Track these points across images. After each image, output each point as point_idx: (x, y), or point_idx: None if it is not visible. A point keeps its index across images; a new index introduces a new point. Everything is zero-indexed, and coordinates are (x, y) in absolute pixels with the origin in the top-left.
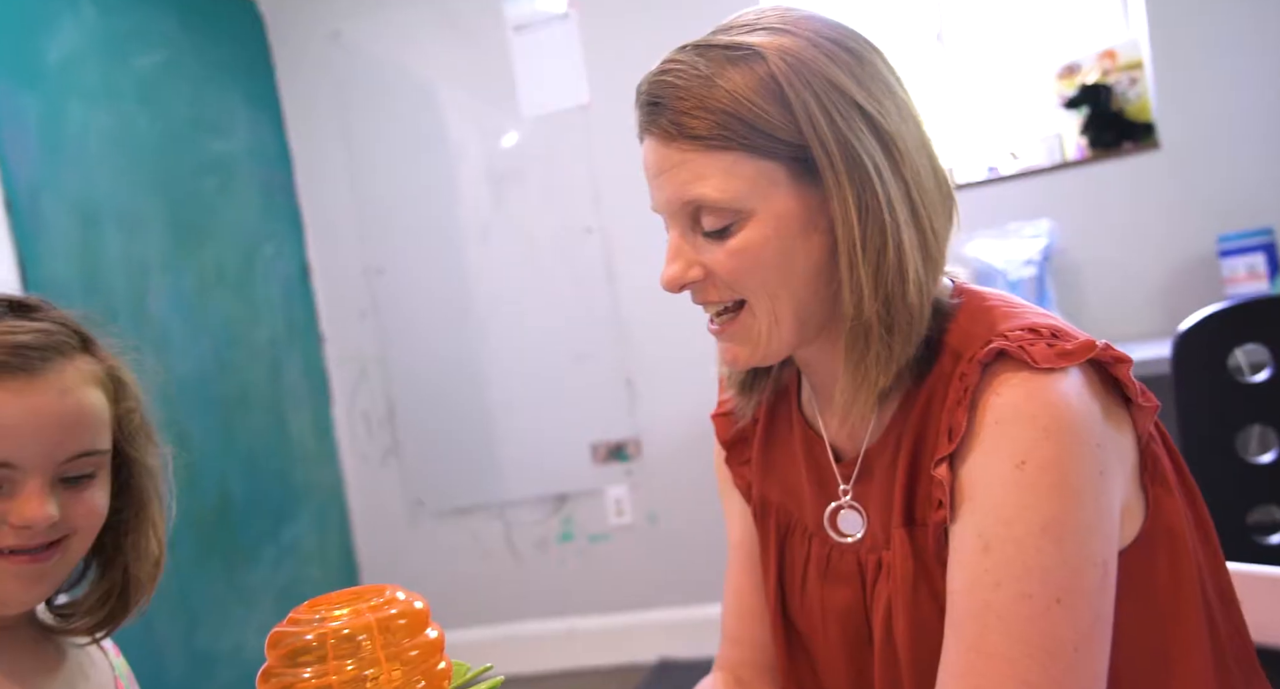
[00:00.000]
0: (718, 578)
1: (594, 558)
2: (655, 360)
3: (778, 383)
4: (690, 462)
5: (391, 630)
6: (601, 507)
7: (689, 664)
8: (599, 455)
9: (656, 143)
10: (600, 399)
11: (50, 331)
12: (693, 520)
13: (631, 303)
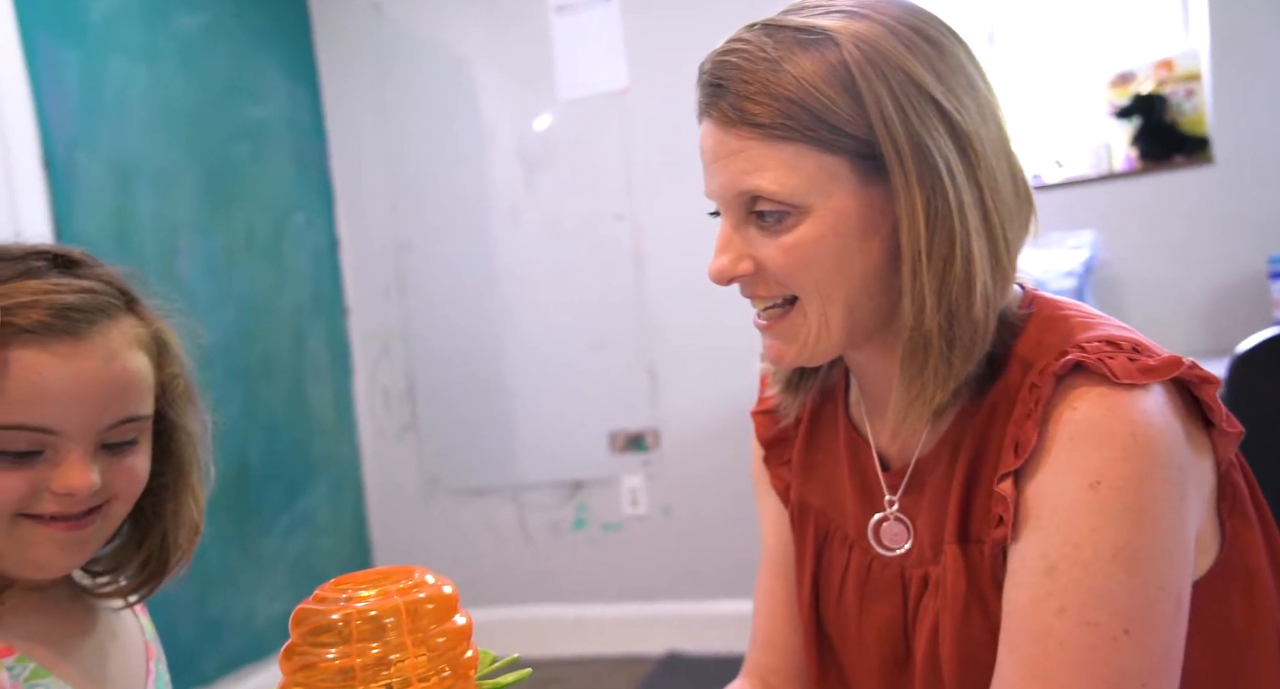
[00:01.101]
0: (730, 574)
1: (606, 547)
2: (679, 352)
3: (825, 383)
4: (709, 456)
5: (419, 615)
6: (616, 496)
7: (697, 659)
8: (617, 444)
9: (715, 127)
10: (621, 388)
11: (96, 291)
12: (708, 515)
13: (658, 292)
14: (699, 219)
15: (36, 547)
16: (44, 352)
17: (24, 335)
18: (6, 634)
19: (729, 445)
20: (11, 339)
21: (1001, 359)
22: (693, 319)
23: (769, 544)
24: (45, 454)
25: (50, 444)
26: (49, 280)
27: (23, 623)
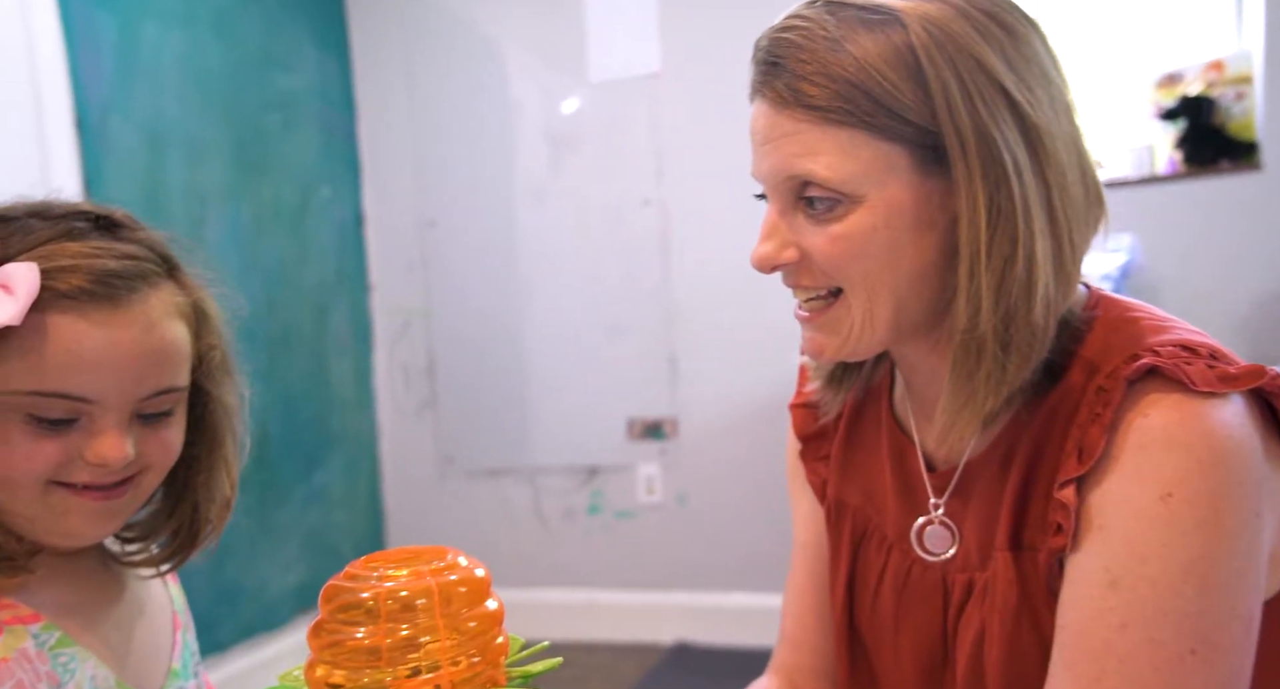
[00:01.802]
0: (743, 567)
1: (620, 534)
2: (702, 341)
3: (869, 379)
4: (727, 447)
5: (451, 597)
6: (632, 483)
7: (706, 650)
8: (634, 431)
9: (768, 107)
10: (641, 375)
11: (138, 257)
12: (723, 506)
13: (684, 280)
14: (729, 208)
15: (68, 515)
16: (82, 319)
17: (63, 301)
18: (34, 601)
19: (748, 437)
20: (50, 304)
21: (1062, 363)
22: (717, 308)
23: (801, 541)
24: (80, 422)
25: (86, 412)
26: (89, 243)
27: (51, 590)
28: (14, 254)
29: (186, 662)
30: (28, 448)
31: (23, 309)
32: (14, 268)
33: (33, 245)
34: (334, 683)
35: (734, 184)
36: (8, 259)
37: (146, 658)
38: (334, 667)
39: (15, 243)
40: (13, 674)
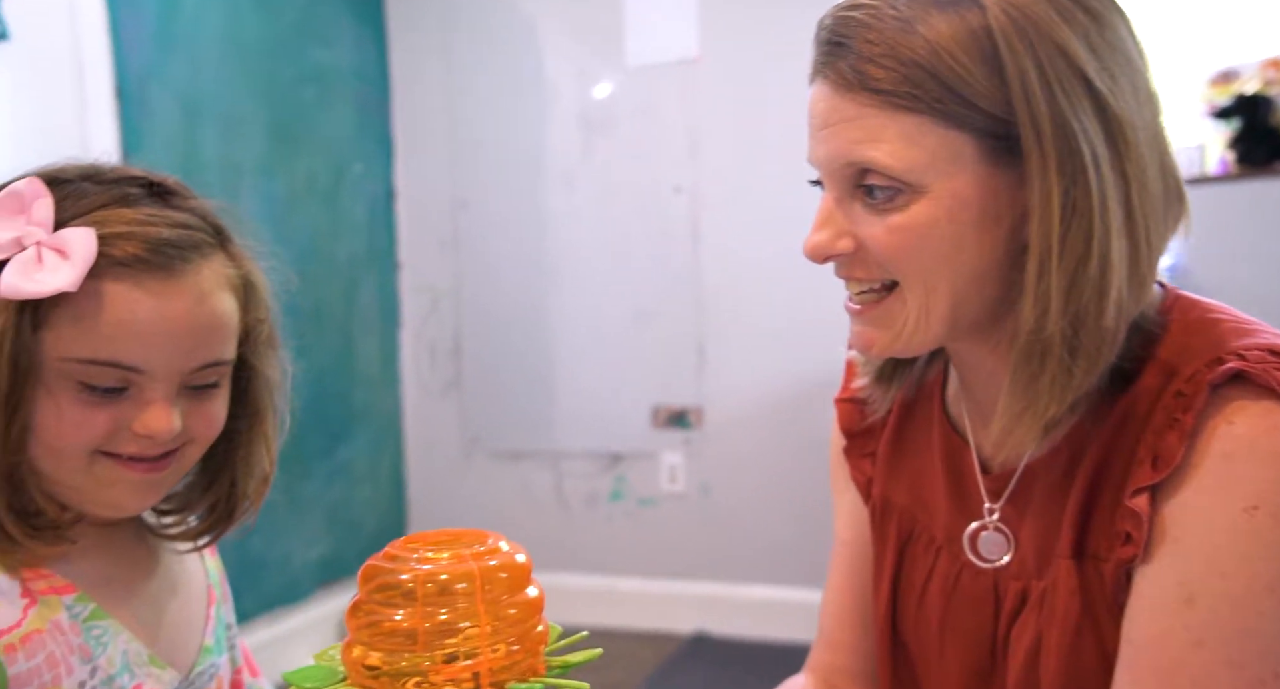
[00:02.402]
0: (764, 559)
1: (642, 521)
2: (731, 330)
3: (922, 377)
4: (752, 438)
5: (492, 583)
6: (655, 471)
7: (725, 641)
8: (659, 419)
9: (830, 89)
10: (668, 363)
11: (191, 226)
12: (746, 497)
13: (713, 268)
14: (761, 196)
15: (112, 486)
16: (137, 287)
17: (118, 268)
18: (69, 572)
19: (773, 429)
20: (105, 271)
21: (1134, 367)
22: (746, 298)
23: (842, 539)
24: (129, 392)
25: (135, 383)
26: (143, 210)
27: (86, 562)
28: (68, 218)
29: (219, 637)
30: (77, 417)
31: (80, 275)
32: (71, 233)
33: (86, 210)
34: (370, 665)
35: (767, 172)
36: (62, 223)
37: (179, 633)
38: (370, 648)
39: (69, 206)
40: (45, 646)
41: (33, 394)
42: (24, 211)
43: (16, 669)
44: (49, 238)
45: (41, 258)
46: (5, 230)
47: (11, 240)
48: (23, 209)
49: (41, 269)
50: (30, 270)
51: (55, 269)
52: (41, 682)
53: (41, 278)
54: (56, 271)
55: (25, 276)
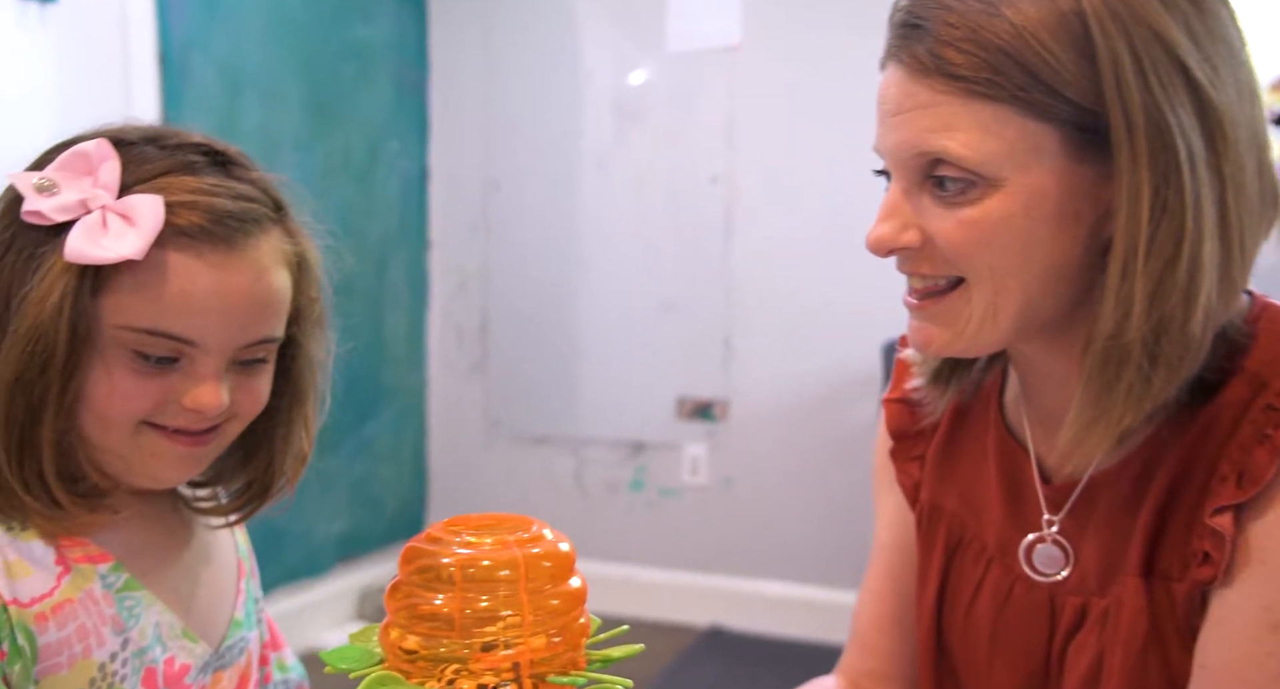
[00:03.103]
0: (783, 554)
1: (662, 512)
2: (759, 324)
3: (979, 379)
4: (776, 433)
5: (535, 572)
6: (677, 462)
7: (740, 636)
8: (684, 410)
9: (903, 74)
10: (694, 354)
11: (253, 199)
12: (768, 492)
13: (745, 260)
14: (798, 189)
15: (156, 458)
16: (198, 259)
17: (181, 238)
18: (105, 541)
19: (799, 425)
20: (168, 240)
21: (1217, 377)
22: (777, 291)
23: (882, 542)
24: (180, 364)
25: (187, 355)
26: (206, 179)
27: (122, 531)
28: (131, 183)
29: (249, 611)
30: (129, 387)
31: (146, 244)
32: (139, 200)
33: (150, 176)
34: (408, 648)
35: (805, 165)
36: (125, 187)
37: (211, 606)
38: (408, 631)
39: (132, 170)
40: (76, 617)
41: (87, 361)
42: (91, 173)
43: (47, 639)
44: (115, 203)
45: (106, 223)
46: (71, 191)
47: (77, 202)
48: (90, 170)
49: (107, 235)
50: (96, 235)
51: (121, 236)
52: (72, 652)
53: (107, 244)
54: (122, 238)
55: (91, 242)
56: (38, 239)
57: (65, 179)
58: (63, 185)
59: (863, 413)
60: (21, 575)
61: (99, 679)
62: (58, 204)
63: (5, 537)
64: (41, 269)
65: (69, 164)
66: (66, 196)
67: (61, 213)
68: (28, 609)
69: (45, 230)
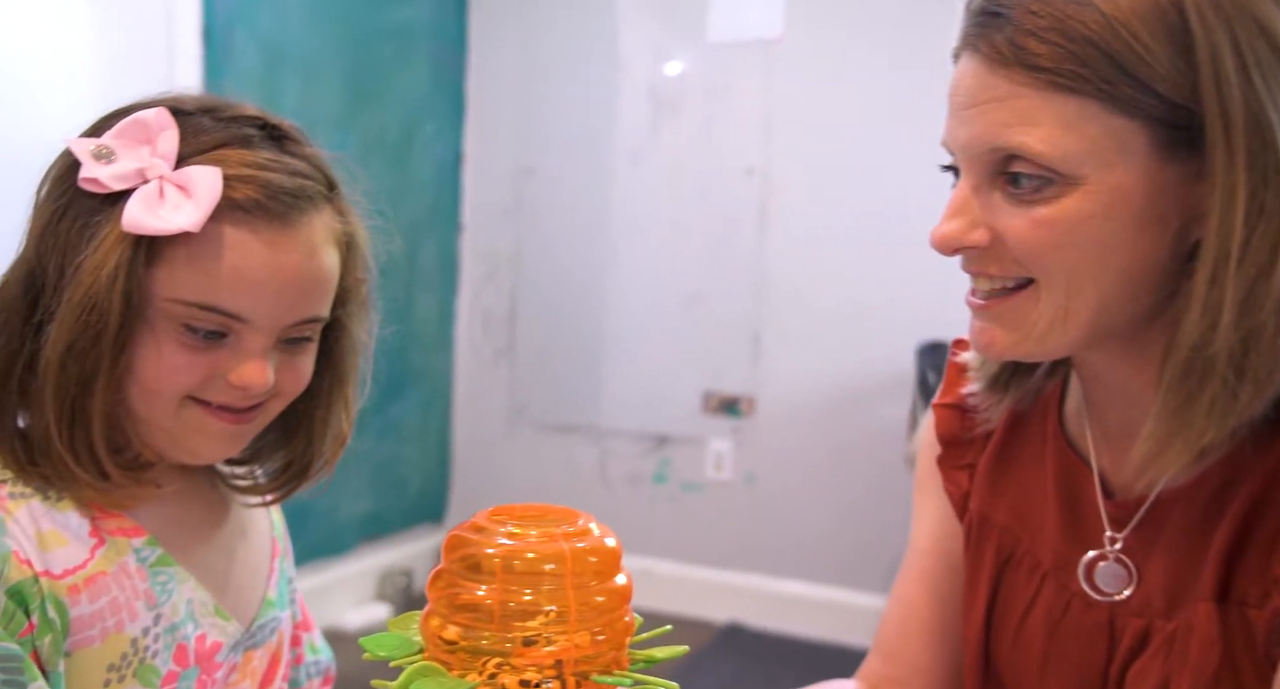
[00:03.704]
0: (805, 553)
1: (684, 506)
2: (790, 320)
3: (1039, 386)
4: (803, 431)
5: (581, 567)
6: (701, 457)
7: (759, 634)
8: (709, 405)
9: (979, 65)
10: (722, 348)
11: (307, 176)
12: (792, 490)
13: (779, 255)
14: (836, 185)
15: (198, 433)
16: (252, 235)
17: (237, 213)
18: (141, 515)
19: (826, 423)
20: (224, 214)
21: None
22: (809, 288)
23: (919, 548)
24: (228, 340)
25: (235, 331)
26: (262, 154)
27: (158, 506)
28: (187, 154)
29: (282, 591)
30: (177, 361)
31: (204, 217)
32: (197, 171)
33: (206, 148)
34: (447, 638)
35: (843, 160)
36: (182, 158)
37: (244, 585)
38: (448, 621)
39: (189, 141)
40: (109, 590)
41: (138, 333)
42: (149, 142)
43: (79, 611)
44: (173, 173)
45: (164, 193)
46: (129, 160)
47: (135, 171)
48: (148, 139)
49: (164, 206)
50: (153, 206)
51: (178, 207)
52: (104, 626)
53: (164, 215)
54: (179, 210)
55: (149, 212)
56: (93, 207)
57: (123, 147)
58: (120, 153)
59: (892, 414)
60: (55, 546)
61: (130, 654)
62: (115, 172)
63: (42, 506)
64: (97, 238)
65: (127, 132)
66: (124, 165)
67: (119, 181)
68: (60, 581)
69: (101, 198)
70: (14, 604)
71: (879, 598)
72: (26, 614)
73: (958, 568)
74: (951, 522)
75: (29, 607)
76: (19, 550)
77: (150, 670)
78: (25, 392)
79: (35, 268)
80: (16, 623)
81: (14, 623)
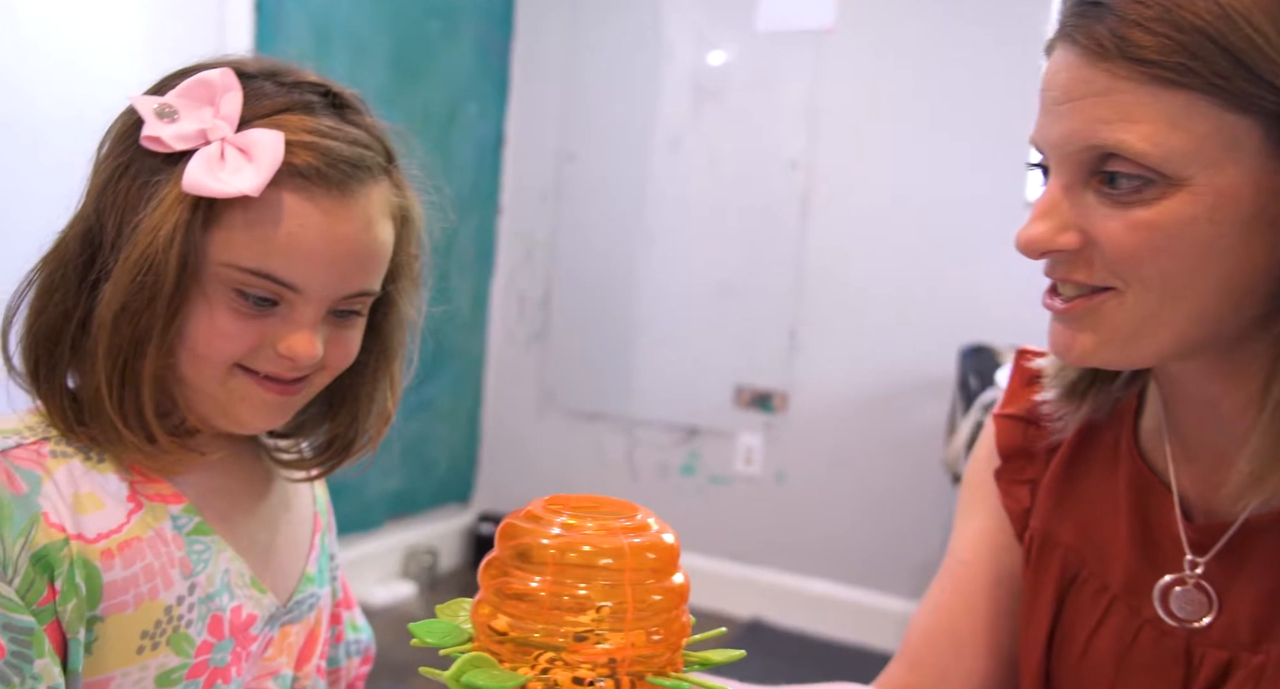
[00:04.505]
0: (831, 553)
1: (711, 499)
2: (827, 316)
3: (1115, 399)
4: (836, 430)
5: (638, 563)
6: (731, 451)
7: (781, 631)
8: (742, 399)
9: (1077, 57)
10: (757, 342)
11: (367, 146)
12: (821, 489)
13: (818, 250)
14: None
15: (244, 402)
16: (310, 202)
17: (296, 179)
18: (180, 482)
19: (860, 423)
20: (283, 180)
21: None
22: (849, 285)
23: (960, 559)
24: (279, 308)
25: (287, 300)
26: (323, 121)
27: (199, 474)
28: (249, 117)
29: (322, 567)
30: (228, 327)
31: (264, 181)
32: (260, 134)
33: (268, 112)
34: (497, 628)
35: (891, 157)
36: (244, 121)
37: (284, 559)
38: (498, 610)
39: (250, 104)
40: (144, 556)
41: (191, 297)
42: (212, 103)
43: (112, 576)
44: (235, 136)
45: (225, 155)
46: (191, 121)
47: (197, 132)
48: (211, 100)
49: (224, 168)
50: (214, 168)
51: (238, 170)
52: (139, 592)
53: (225, 178)
54: (240, 173)
55: (209, 174)
56: (154, 166)
57: (186, 107)
58: (183, 113)
59: (929, 416)
60: (91, 510)
61: (165, 622)
62: (177, 132)
63: (82, 467)
64: (156, 198)
65: (191, 91)
66: (186, 125)
67: (181, 141)
68: (92, 545)
69: (162, 158)
70: (36, 571)
71: (903, 602)
72: (51, 580)
73: (1001, 583)
74: (1002, 535)
75: (54, 572)
76: (50, 512)
77: (184, 639)
78: (77, 350)
79: (94, 225)
80: (36, 591)
81: (33, 591)
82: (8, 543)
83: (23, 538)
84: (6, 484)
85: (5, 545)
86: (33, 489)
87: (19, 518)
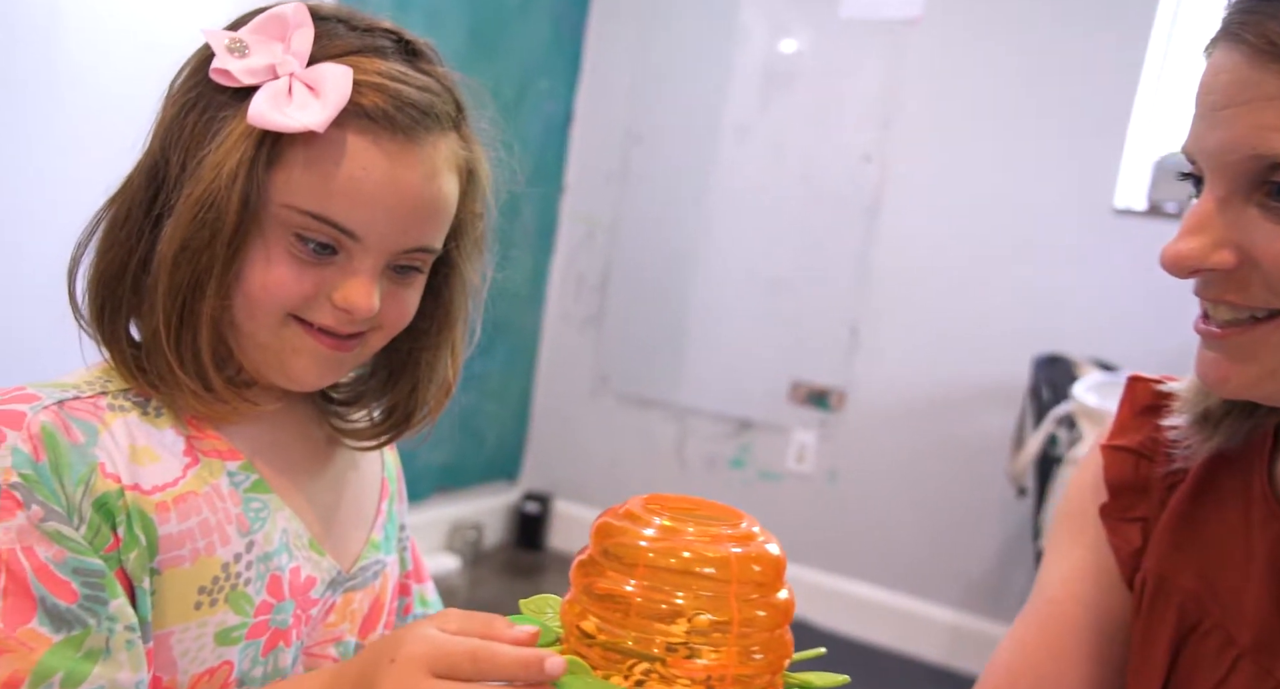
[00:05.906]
0: (879, 558)
1: (759, 494)
2: (891, 316)
3: (1253, 428)
4: (893, 432)
5: (745, 576)
6: (784, 447)
7: (821, 633)
8: (797, 395)
9: (1241, 58)
10: (816, 337)
11: (437, 93)
12: (875, 492)
13: (886, 247)
14: (957, 179)
15: (296, 354)
16: (374, 146)
17: (362, 120)
18: (239, 437)
19: (920, 427)
20: (349, 121)
21: None
22: (916, 284)
23: (1049, 596)
24: (337, 257)
25: (346, 248)
26: (394, 66)
27: (258, 431)
28: (319, 57)
29: (389, 534)
30: (284, 274)
31: (330, 117)
32: (328, 69)
33: (339, 52)
34: (586, 630)
35: (970, 156)
36: (313, 60)
37: (349, 523)
38: (588, 611)
39: (322, 45)
40: (199, 511)
41: (251, 238)
42: (283, 38)
43: (167, 529)
44: (303, 71)
45: (292, 91)
46: (261, 56)
47: (265, 67)
48: (283, 35)
49: (290, 103)
50: (280, 102)
51: (305, 105)
52: (195, 546)
53: (290, 112)
54: (305, 108)
55: (275, 107)
56: (222, 101)
57: (257, 42)
58: (254, 48)
59: (993, 426)
60: (147, 462)
61: (223, 578)
62: (246, 66)
63: (139, 421)
64: (221, 133)
65: (263, 27)
66: (256, 60)
67: (249, 75)
68: (148, 497)
69: (230, 93)
70: (100, 517)
71: (951, 613)
72: (113, 527)
73: (1093, 626)
74: (1103, 575)
75: (115, 520)
76: (105, 463)
77: (243, 598)
78: (139, 292)
79: (159, 161)
80: (102, 538)
81: (100, 538)
82: (69, 490)
83: (83, 485)
84: (64, 434)
85: (67, 492)
86: (89, 440)
87: (78, 466)
